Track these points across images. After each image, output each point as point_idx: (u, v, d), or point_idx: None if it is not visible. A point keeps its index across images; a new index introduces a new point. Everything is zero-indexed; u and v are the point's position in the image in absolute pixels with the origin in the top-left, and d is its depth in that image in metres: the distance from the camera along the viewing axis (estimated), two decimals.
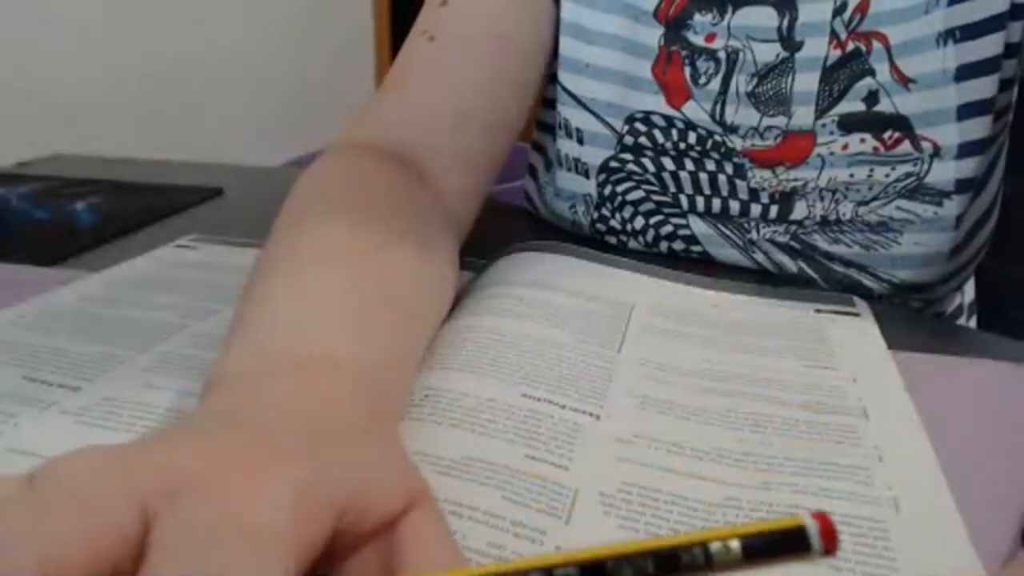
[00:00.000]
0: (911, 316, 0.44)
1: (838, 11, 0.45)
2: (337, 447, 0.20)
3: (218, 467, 0.17)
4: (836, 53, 0.45)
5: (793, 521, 0.12)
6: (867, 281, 0.48)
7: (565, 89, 0.51)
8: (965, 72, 0.43)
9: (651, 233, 0.53)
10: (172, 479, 0.17)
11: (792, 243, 0.49)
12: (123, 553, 0.16)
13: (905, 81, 0.44)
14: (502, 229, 0.55)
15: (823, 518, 0.12)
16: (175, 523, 0.16)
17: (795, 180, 0.48)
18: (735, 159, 0.49)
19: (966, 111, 0.43)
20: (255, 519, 0.16)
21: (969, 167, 0.44)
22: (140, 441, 0.20)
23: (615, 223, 0.54)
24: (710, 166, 0.50)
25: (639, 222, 0.53)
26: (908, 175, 0.45)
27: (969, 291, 0.63)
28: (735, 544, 0.12)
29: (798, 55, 0.46)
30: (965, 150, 0.44)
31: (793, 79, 0.46)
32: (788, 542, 0.12)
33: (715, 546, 0.12)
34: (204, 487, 0.17)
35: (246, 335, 0.26)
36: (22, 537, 0.15)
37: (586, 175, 0.53)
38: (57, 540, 0.15)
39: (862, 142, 0.45)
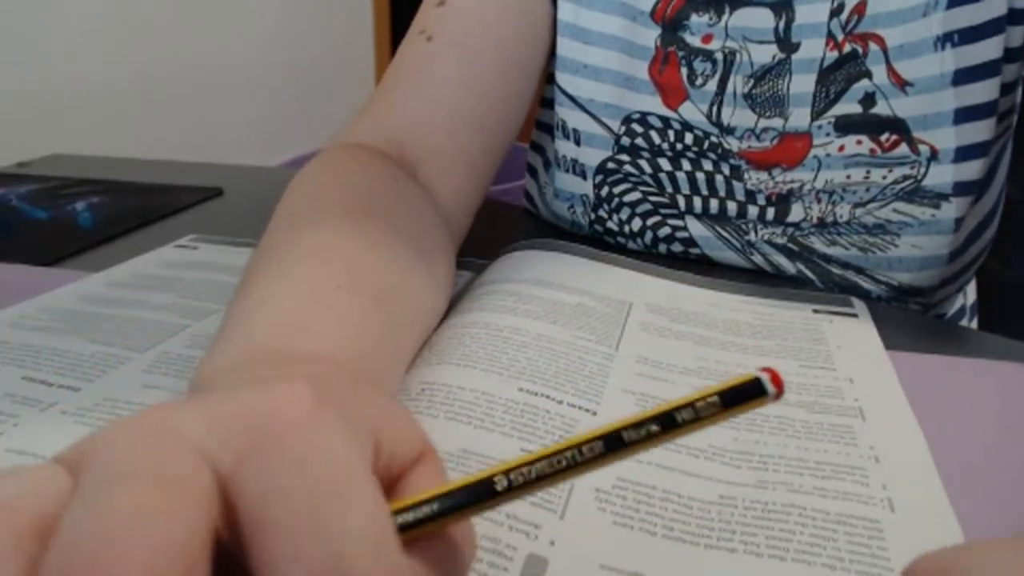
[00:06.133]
0: (910, 316, 0.44)
1: (835, 12, 0.45)
2: (353, 393, 0.20)
3: (265, 411, 0.16)
4: (833, 55, 0.45)
5: (749, 376, 0.16)
6: (865, 283, 0.48)
7: (563, 90, 0.51)
8: (963, 76, 0.43)
9: (649, 235, 0.53)
10: (222, 431, 0.16)
11: (790, 245, 0.49)
12: (215, 515, 0.14)
13: (902, 84, 0.44)
14: (502, 229, 0.55)
15: (772, 371, 0.16)
16: (247, 471, 0.15)
17: (792, 182, 0.48)
18: (732, 160, 0.49)
19: (964, 115, 0.43)
20: (322, 448, 0.15)
21: (967, 170, 0.44)
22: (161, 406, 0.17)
23: (612, 224, 0.54)
24: (707, 166, 0.50)
25: (636, 224, 0.53)
26: (905, 177, 0.45)
27: (971, 293, 0.63)
28: (715, 399, 0.16)
29: (794, 57, 0.46)
30: (963, 153, 0.44)
31: (789, 81, 0.46)
32: (750, 392, 0.15)
33: (700, 404, 0.16)
34: (261, 432, 0.15)
35: (233, 332, 0.26)
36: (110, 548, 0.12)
37: (583, 176, 0.53)
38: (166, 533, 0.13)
39: (859, 144, 0.45)
